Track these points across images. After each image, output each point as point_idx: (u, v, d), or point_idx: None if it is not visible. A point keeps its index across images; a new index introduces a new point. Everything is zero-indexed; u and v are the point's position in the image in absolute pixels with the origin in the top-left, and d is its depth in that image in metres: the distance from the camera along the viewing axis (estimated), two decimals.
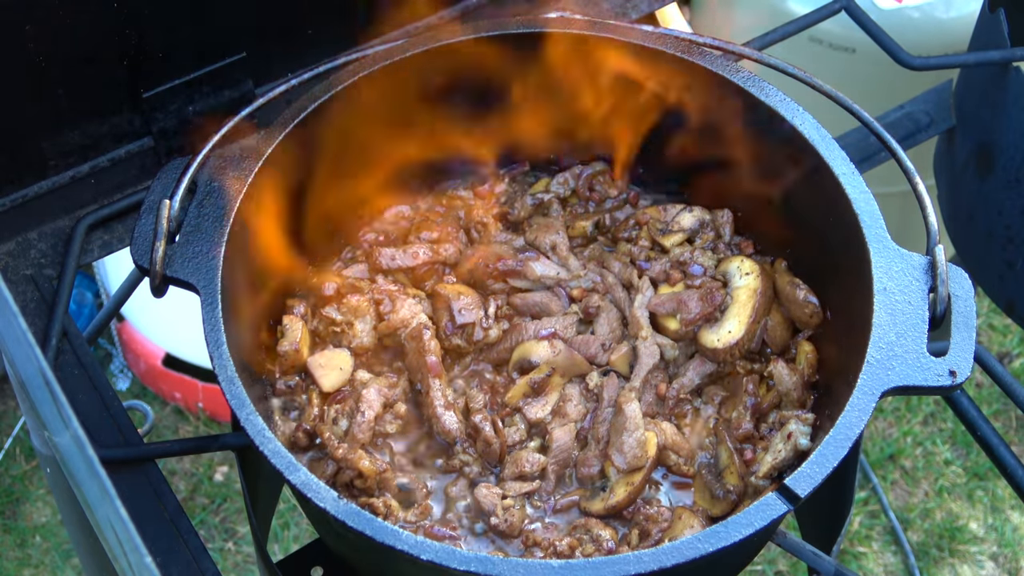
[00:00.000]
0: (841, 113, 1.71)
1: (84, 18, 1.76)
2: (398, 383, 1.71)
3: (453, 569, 1.34)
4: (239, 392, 1.45)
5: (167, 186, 1.62)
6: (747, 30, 2.67)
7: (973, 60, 2.14)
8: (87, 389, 1.79)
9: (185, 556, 1.67)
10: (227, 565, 3.57)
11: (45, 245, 1.91)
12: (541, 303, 1.79)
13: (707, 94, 1.75)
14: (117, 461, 1.72)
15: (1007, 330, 4.07)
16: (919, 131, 2.32)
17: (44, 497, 3.69)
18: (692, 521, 1.59)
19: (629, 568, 1.34)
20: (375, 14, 1.98)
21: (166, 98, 1.91)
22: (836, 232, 1.65)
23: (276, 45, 1.99)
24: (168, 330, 3.72)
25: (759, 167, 1.77)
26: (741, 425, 1.67)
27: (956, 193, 2.33)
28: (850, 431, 1.44)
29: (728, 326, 1.71)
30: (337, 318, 1.73)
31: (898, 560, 3.63)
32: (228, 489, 3.71)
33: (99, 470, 0.98)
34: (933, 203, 1.61)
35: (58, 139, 1.88)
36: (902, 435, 3.85)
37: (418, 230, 1.85)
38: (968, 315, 1.55)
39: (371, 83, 1.72)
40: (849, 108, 1.70)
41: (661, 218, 1.86)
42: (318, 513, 1.42)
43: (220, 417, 3.78)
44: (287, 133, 1.66)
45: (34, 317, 1.85)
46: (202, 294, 1.53)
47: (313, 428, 1.65)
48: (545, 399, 1.71)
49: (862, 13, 2.17)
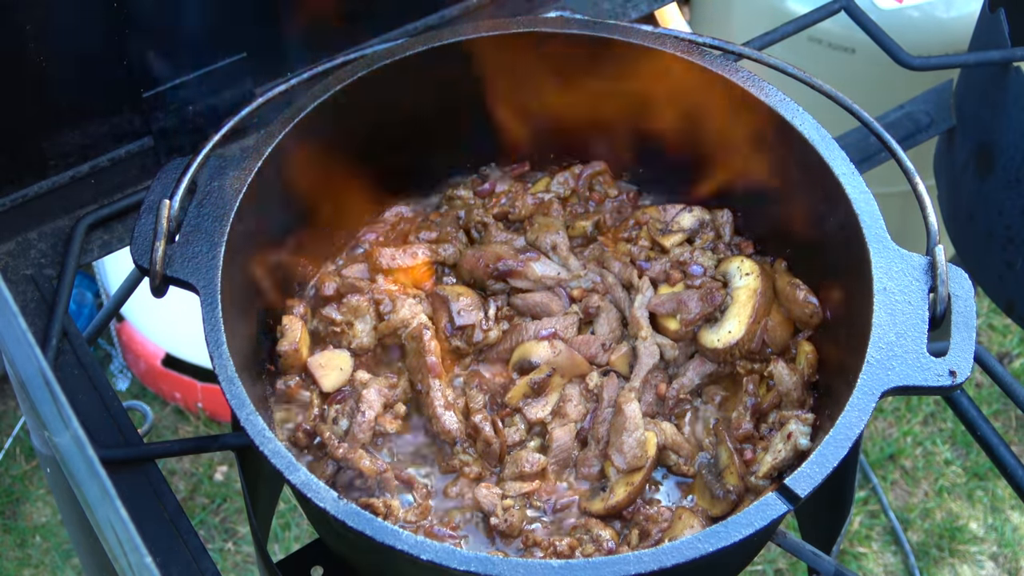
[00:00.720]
0: (841, 113, 1.71)
1: (84, 18, 1.76)
2: (398, 383, 1.71)
3: (453, 569, 1.34)
4: (239, 392, 1.45)
5: (167, 186, 1.62)
6: (747, 30, 2.68)
7: (973, 60, 2.14)
8: (87, 389, 1.79)
9: (185, 556, 1.67)
10: (227, 565, 3.57)
11: (45, 245, 1.91)
12: (541, 303, 1.79)
13: (707, 94, 1.75)
14: (117, 461, 1.72)
15: (1007, 330, 4.07)
16: (919, 131, 2.32)
17: (44, 497, 3.69)
18: (692, 521, 1.59)
19: (629, 568, 1.34)
20: (375, 14, 1.99)
21: (166, 98, 1.91)
22: (836, 232, 1.65)
23: (276, 45, 1.99)
24: (168, 330, 3.72)
25: (758, 167, 1.77)
26: (741, 425, 1.67)
27: (956, 193, 2.33)
28: (850, 431, 1.44)
29: (728, 326, 1.71)
30: (337, 318, 1.73)
31: (898, 560, 3.63)
32: (228, 489, 3.71)
33: (99, 470, 0.98)
34: (933, 203, 1.61)
35: (58, 139, 1.88)
36: (902, 435, 3.85)
37: (418, 230, 1.85)
38: (968, 315, 1.55)
39: (370, 83, 1.72)
40: (849, 108, 1.70)
41: (661, 218, 1.86)
42: (318, 513, 1.42)
43: (220, 417, 3.78)
44: (287, 133, 1.66)
45: (34, 317, 1.85)
46: (202, 294, 1.53)
47: (313, 428, 1.65)
48: (545, 399, 1.71)
49: (862, 13, 2.17)
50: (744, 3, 3.54)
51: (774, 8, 3.33)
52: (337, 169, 1.76)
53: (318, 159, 1.72)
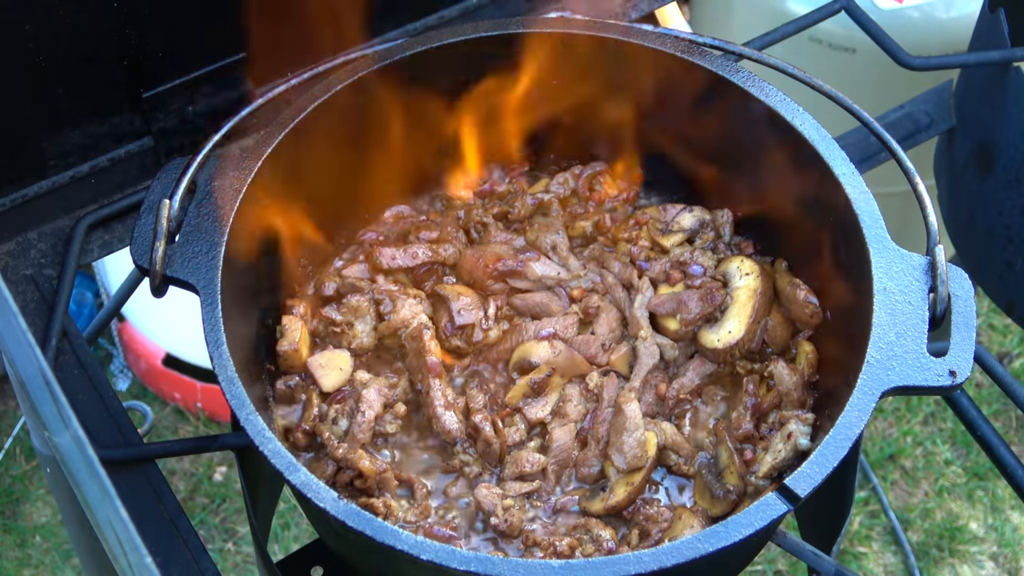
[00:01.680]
0: (841, 113, 1.71)
1: (84, 18, 1.76)
2: (398, 383, 1.71)
3: (453, 569, 1.34)
4: (239, 392, 1.45)
5: (167, 186, 1.62)
6: (747, 30, 2.68)
7: (973, 60, 2.14)
8: (87, 389, 1.79)
9: (185, 556, 1.67)
10: (227, 565, 3.57)
11: (45, 245, 1.91)
12: (541, 303, 1.79)
13: (707, 94, 1.75)
14: (117, 461, 1.72)
15: (1007, 330, 4.07)
16: (919, 131, 2.32)
17: (44, 497, 3.69)
18: (692, 521, 1.59)
19: (629, 568, 1.34)
20: (375, 14, 1.98)
21: (166, 98, 1.91)
22: (836, 232, 1.65)
23: (276, 45, 1.99)
24: (168, 330, 3.72)
25: (759, 167, 1.77)
26: (741, 425, 1.67)
27: (956, 193, 2.33)
28: (850, 431, 1.44)
29: (728, 326, 1.71)
30: (337, 318, 1.73)
31: (898, 560, 3.63)
32: (228, 489, 3.71)
33: (99, 470, 0.98)
34: (933, 203, 1.61)
35: (58, 139, 1.88)
36: (902, 435, 3.85)
37: (418, 230, 1.85)
38: (968, 315, 1.55)
39: (370, 83, 1.72)
40: (849, 108, 1.70)
41: (661, 218, 1.86)
42: (318, 513, 1.42)
43: (220, 417, 3.78)
44: (287, 133, 1.66)
45: (34, 317, 1.85)
46: (202, 294, 1.54)
47: (313, 428, 1.65)
48: (545, 399, 1.71)
49: (862, 13, 2.17)
50: (744, 3, 3.54)
51: (774, 8, 3.33)
52: (336, 169, 1.76)
53: (318, 159, 1.72)
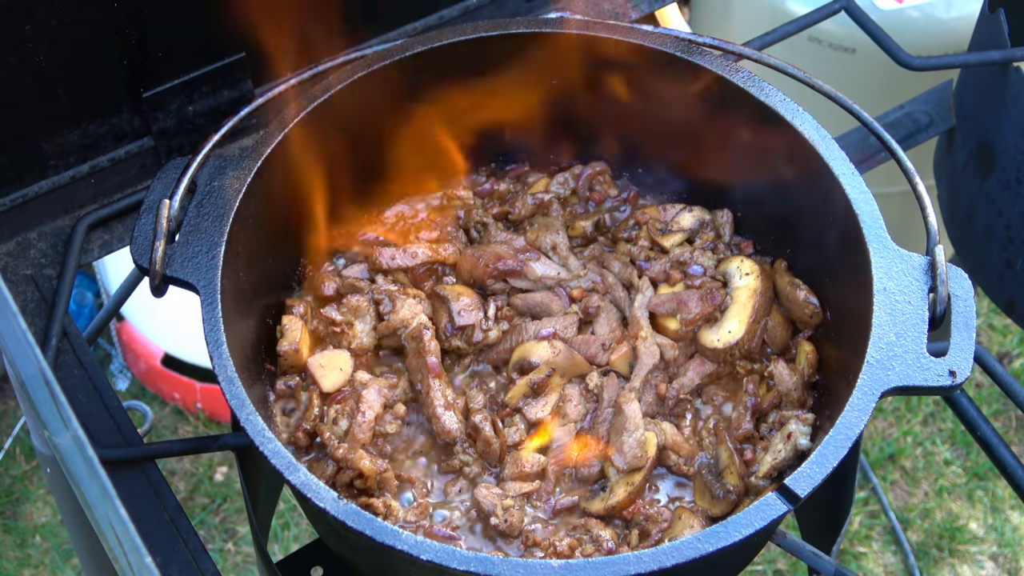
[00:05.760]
0: (841, 113, 1.71)
1: (84, 18, 1.76)
2: (398, 383, 1.71)
3: (453, 569, 1.34)
4: (239, 392, 1.46)
5: (167, 186, 1.62)
6: (747, 30, 2.68)
7: (973, 60, 2.14)
8: (87, 389, 1.79)
9: (185, 556, 1.67)
10: (227, 565, 3.57)
11: (45, 245, 1.91)
12: (541, 303, 1.79)
13: (707, 94, 1.75)
14: (117, 461, 1.72)
15: (1007, 330, 4.07)
16: (919, 131, 2.32)
17: (44, 497, 3.69)
18: (692, 521, 1.59)
19: (629, 568, 1.34)
20: (375, 14, 1.98)
21: (166, 98, 1.91)
22: (836, 232, 1.65)
23: (276, 45, 1.99)
24: (168, 330, 3.72)
25: (759, 167, 1.77)
26: (741, 425, 1.67)
27: (956, 193, 2.33)
28: (850, 431, 1.44)
29: (728, 326, 1.71)
30: (337, 318, 1.73)
31: (898, 560, 3.63)
32: (228, 489, 3.71)
33: (99, 470, 0.98)
34: (933, 203, 1.61)
35: (58, 139, 1.88)
36: (902, 435, 3.85)
37: (418, 230, 1.85)
38: (968, 315, 1.55)
39: (370, 83, 1.72)
40: (849, 108, 1.70)
41: (661, 218, 1.86)
42: (318, 513, 1.42)
43: (219, 417, 3.78)
44: (286, 133, 1.66)
45: (34, 317, 1.85)
46: (202, 294, 1.54)
47: (313, 428, 1.65)
48: (545, 399, 1.71)
49: (862, 13, 2.17)
50: (744, 3, 3.55)
51: (774, 8, 3.33)
52: (336, 169, 1.76)
53: (317, 159, 1.72)
